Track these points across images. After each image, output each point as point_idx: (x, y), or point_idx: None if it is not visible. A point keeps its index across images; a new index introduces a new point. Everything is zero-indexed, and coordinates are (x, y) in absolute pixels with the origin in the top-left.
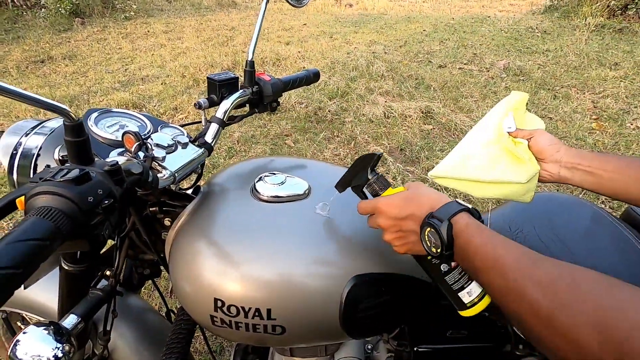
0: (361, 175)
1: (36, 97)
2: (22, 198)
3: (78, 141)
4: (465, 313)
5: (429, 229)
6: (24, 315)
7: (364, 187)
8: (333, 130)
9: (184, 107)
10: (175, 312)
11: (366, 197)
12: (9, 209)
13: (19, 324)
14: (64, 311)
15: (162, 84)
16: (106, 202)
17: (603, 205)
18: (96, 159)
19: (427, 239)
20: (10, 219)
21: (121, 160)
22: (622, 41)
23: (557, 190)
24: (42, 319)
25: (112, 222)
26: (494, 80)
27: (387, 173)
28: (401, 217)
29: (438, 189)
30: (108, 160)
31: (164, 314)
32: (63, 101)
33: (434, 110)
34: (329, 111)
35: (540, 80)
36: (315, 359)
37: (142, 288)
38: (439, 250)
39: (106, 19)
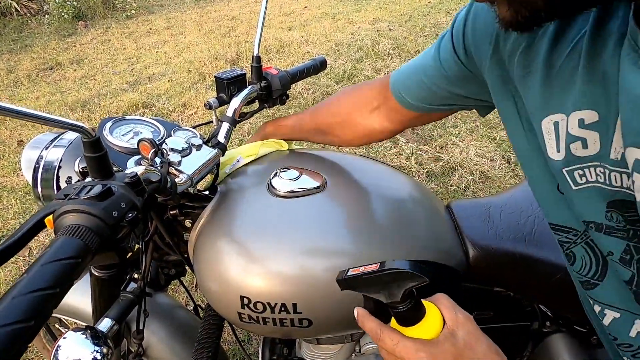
0: (386, 291)
1: (53, 118)
2: (51, 217)
3: (97, 156)
4: None
5: None
6: (61, 318)
7: (388, 307)
8: None
9: (192, 102)
10: (203, 306)
11: (372, 304)
12: (38, 228)
13: (57, 326)
14: (98, 315)
15: (168, 81)
16: (130, 215)
17: None
18: (115, 170)
19: None
20: None
21: (139, 170)
22: None
23: None
24: (78, 321)
25: (136, 234)
26: None
27: (399, 154)
28: None
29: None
30: (127, 171)
31: (191, 309)
32: (75, 106)
33: None
34: None
35: None
36: (341, 345)
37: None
38: None
39: (108, 19)
